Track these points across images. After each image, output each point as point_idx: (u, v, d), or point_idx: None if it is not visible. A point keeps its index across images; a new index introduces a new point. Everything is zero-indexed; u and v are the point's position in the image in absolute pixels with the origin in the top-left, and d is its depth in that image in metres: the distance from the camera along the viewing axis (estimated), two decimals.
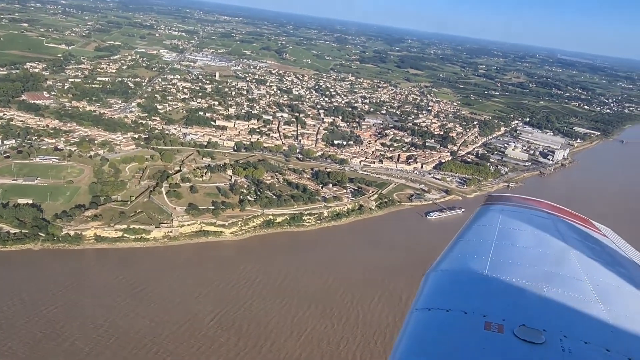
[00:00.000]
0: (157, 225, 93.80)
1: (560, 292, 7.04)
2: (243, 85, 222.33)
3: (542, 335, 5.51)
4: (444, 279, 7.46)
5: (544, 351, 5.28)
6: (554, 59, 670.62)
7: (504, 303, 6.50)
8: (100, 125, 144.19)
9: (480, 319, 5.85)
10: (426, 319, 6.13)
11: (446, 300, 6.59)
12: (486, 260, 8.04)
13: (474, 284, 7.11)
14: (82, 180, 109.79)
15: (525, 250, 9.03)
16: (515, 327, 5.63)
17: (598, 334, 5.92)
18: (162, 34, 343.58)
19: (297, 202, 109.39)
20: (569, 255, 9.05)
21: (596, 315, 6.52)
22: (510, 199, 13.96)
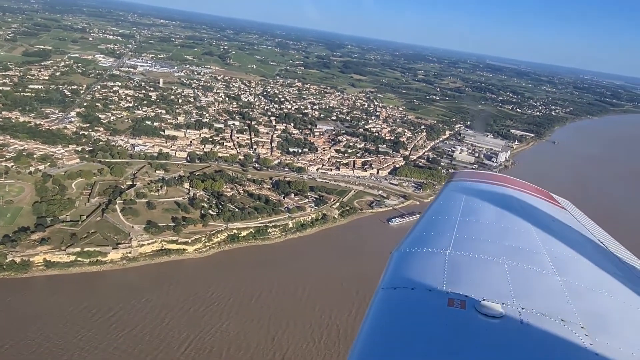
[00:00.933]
0: (114, 247, 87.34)
1: (520, 266, 7.33)
2: (189, 92, 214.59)
3: (502, 309, 5.72)
4: (409, 258, 7.56)
5: (503, 324, 5.51)
6: (484, 64, 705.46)
7: (466, 279, 6.70)
8: (37, 137, 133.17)
9: (443, 296, 6.05)
10: (391, 298, 6.23)
11: (411, 279, 6.71)
12: (450, 237, 8.29)
13: (438, 262, 7.22)
14: (24, 199, 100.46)
15: (488, 226, 9.31)
16: (477, 302, 5.82)
17: (554, 305, 6.18)
18: (96, 38, 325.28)
19: (261, 214, 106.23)
20: (529, 229, 9.39)
21: (553, 287, 6.83)
22: (473, 175, 14.27)
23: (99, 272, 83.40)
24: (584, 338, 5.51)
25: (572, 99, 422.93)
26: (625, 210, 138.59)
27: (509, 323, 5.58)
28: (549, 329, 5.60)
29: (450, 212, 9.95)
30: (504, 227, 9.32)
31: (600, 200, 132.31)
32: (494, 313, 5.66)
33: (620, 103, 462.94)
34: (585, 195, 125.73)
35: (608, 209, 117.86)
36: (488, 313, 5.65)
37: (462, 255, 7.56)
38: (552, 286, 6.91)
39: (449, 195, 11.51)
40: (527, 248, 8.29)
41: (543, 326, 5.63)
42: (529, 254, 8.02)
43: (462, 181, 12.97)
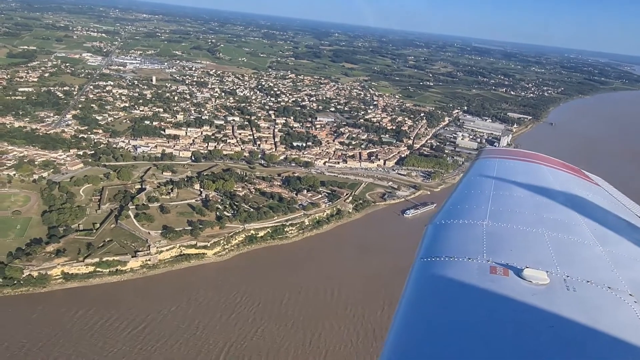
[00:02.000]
0: (133, 255, 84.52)
1: (560, 237, 7.22)
2: (184, 89, 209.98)
3: (546, 275, 5.59)
4: (444, 230, 7.44)
5: (549, 290, 5.41)
6: (470, 47, 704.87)
7: (506, 249, 6.58)
8: (36, 143, 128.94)
9: (485, 264, 5.91)
10: (430, 267, 6.07)
11: (449, 249, 6.56)
12: (485, 209, 8.14)
13: (476, 233, 7.11)
14: (31, 209, 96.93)
15: (523, 199, 9.19)
16: (520, 270, 5.67)
17: (599, 274, 6.05)
18: (81, 36, 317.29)
19: (277, 213, 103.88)
20: (565, 202, 9.28)
21: (596, 257, 6.70)
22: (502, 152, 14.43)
23: (119, 282, 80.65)
24: (634, 305, 5.38)
25: (561, 79, 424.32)
26: None
27: (555, 290, 5.46)
28: (596, 296, 5.50)
29: (482, 187, 9.83)
30: (540, 201, 9.21)
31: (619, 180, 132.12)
32: (539, 279, 5.53)
33: (609, 81, 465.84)
34: None
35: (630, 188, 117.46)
36: (533, 280, 5.52)
37: (500, 226, 7.42)
38: (596, 255, 6.79)
39: (480, 171, 11.35)
40: (565, 220, 8.17)
41: (590, 293, 5.54)
42: (569, 225, 7.90)
43: (490, 158, 12.78)
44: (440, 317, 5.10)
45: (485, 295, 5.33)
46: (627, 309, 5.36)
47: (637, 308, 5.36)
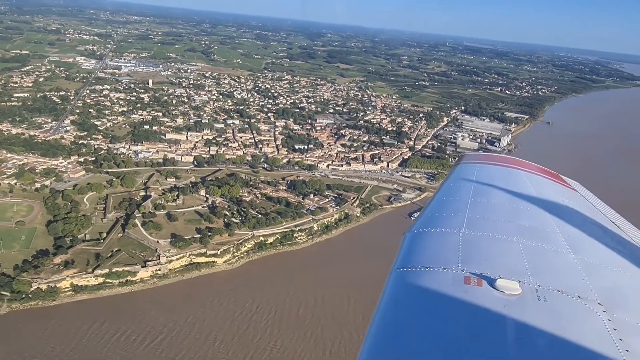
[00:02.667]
0: (143, 265, 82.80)
1: (534, 245, 7.31)
2: (182, 92, 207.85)
3: (518, 286, 5.67)
4: (422, 238, 7.49)
5: (520, 301, 5.49)
6: (462, 46, 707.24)
7: (481, 258, 6.65)
8: (35, 150, 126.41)
9: (459, 274, 5.99)
10: (406, 277, 6.16)
11: (425, 258, 6.62)
12: (463, 217, 8.23)
13: (452, 241, 7.16)
14: (35, 219, 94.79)
15: (500, 207, 9.27)
16: (493, 280, 5.76)
17: (571, 282, 6.16)
18: (73, 39, 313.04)
19: (285, 218, 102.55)
20: (541, 209, 9.40)
21: (568, 265, 6.81)
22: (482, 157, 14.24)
23: (130, 293, 78.93)
24: (602, 314, 5.43)
25: (554, 78, 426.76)
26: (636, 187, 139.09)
27: (526, 300, 5.53)
28: (566, 306, 5.57)
29: (461, 194, 9.92)
30: (516, 208, 9.31)
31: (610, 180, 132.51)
32: (511, 290, 5.58)
33: (600, 79, 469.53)
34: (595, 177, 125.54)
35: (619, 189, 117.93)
36: (505, 290, 5.57)
37: (476, 234, 7.48)
38: (568, 264, 6.87)
39: (459, 177, 11.49)
40: (540, 227, 8.28)
41: (560, 303, 5.59)
42: (543, 233, 8.01)
43: (470, 164, 12.92)
44: (413, 328, 5.08)
45: (458, 306, 5.36)
46: (596, 319, 5.40)
47: (604, 317, 5.41)
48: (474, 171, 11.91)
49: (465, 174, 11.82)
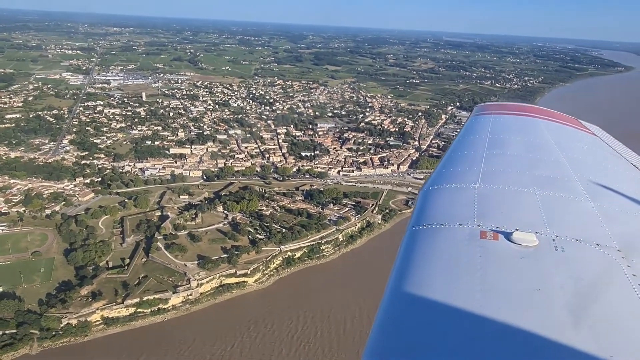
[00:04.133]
0: (174, 290, 79.25)
1: (552, 195, 7.16)
2: (177, 104, 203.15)
3: (535, 237, 5.60)
4: (437, 195, 7.38)
5: (537, 252, 5.42)
6: (443, 41, 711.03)
7: (497, 212, 6.56)
8: (38, 174, 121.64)
9: (475, 229, 5.94)
10: (421, 235, 6.07)
11: (440, 215, 6.57)
12: (478, 171, 8.06)
13: (468, 196, 7.05)
14: (51, 248, 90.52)
15: (516, 158, 9.06)
16: (510, 233, 5.68)
17: (589, 231, 6.04)
18: (56, 55, 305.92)
19: (310, 231, 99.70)
20: (559, 157, 9.15)
21: (587, 213, 6.67)
22: (498, 107, 13.77)
23: (164, 321, 75.41)
24: (621, 261, 5.36)
25: (538, 68, 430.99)
26: None
27: (543, 251, 5.45)
28: (584, 254, 5.50)
29: (475, 147, 9.70)
30: (533, 157, 9.09)
31: None
32: (528, 242, 5.52)
33: (583, 67, 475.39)
34: None
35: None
36: (522, 243, 5.52)
37: (492, 188, 7.34)
38: (586, 212, 6.72)
39: (474, 130, 11.17)
40: (557, 176, 8.12)
41: (578, 252, 5.53)
42: (560, 182, 7.86)
43: (486, 114, 12.47)
44: (429, 286, 4.93)
45: (475, 261, 5.23)
46: (615, 266, 5.29)
47: (624, 264, 5.29)
48: (489, 122, 11.52)
49: (479, 125, 11.44)
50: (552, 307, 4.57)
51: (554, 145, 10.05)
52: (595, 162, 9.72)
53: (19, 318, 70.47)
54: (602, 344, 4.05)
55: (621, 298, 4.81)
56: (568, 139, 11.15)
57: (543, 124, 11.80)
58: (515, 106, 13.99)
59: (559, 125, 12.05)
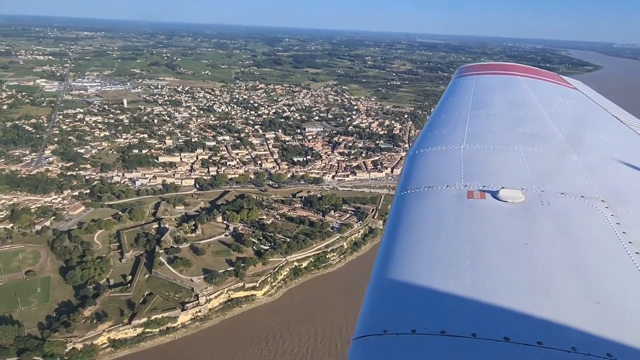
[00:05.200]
0: (182, 308, 75.93)
1: (536, 151, 7.23)
2: (160, 110, 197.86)
3: (522, 193, 5.67)
4: (423, 159, 7.40)
5: (523, 208, 5.47)
6: (417, 43, 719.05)
7: (483, 171, 6.59)
8: (22, 187, 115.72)
9: (462, 189, 5.97)
10: (409, 199, 6.07)
11: (427, 178, 6.59)
12: (463, 132, 8.09)
13: (454, 158, 7.09)
14: (45, 267, 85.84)
15: (500, 117, 9.09)
16: (496, 191, 5.72)
17: (573, 184, 6.16)
18: (27, 61, 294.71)
19: (314, 239, 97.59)
20: (542, 114, 9.25)
21: (571, 167, 6.78)
22: (480, 67, 13.73)
23: (174, 341, 72.11)
24: (605, 210, 5.47)
25: None
26: None
27: (530, 206, 5.50)
28: (570, 206, 5.57)
29: (460, 108, 9.66)
30: (517, 115, 9.11)
31: None
32: (514, 199, 5.56)
33: (555, 67, 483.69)
34: None
35: None
36: (508, 200, 5.56)
37: (477, 148, 7.36)
38: (570, 166, 6.84)
39: (456, 92, 11.12)
40: (541, 133, 8.17)
41: (564, 204, 5.59)
42: (544, 138, 7.91)
43: (467, 76, 12.41)
44: (419, 249, 4.97)
45: (463, 221, 5.28)
46: (599, 215, 5.40)
47: (607, 213, 5.41)
48: (472, 83, 11.45)
49: (462, 87, 11.36)
50: (540, 259, 4.58)
51: (537, 102, 10.02)
52: (578, 117, 9.76)
53: (20, 344, 66.09)
54: (589, 290, 4.12)
55: (606, 246, 4.85)
56: (551, 95, 11.11)
57: (525, 81, 11.73)
58: (497, 65, 13.77)
59: (542, 82, 12.02)
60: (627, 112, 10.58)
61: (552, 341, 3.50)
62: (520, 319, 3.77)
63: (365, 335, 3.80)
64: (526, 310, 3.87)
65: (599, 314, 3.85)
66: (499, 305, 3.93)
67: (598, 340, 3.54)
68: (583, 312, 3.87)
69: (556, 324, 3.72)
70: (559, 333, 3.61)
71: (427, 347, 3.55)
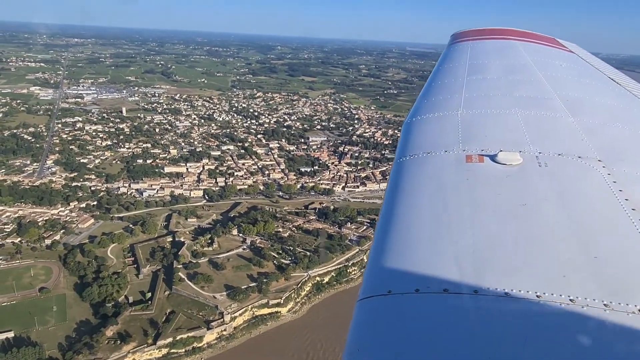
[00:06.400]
0: (207, 327, 73.04)
1: (533, 114, 7.26)
2: (161, 119, 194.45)
3: (519, 156, 5.68)
4: (420, 126, 7.40)
5: (521, 169, 5.52)
6: (407, 52, 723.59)
7: (481, 135, 6.61)
8: (26, 199, 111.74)
9: (460, 154, 5.98)
10: (407, 166, 6.09)
11: (425, 144, 6.57)
12: (459, 98, 8.08)
13: (451, 124, 7.09)
14: (59, 283, 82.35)
15: (496, 81, 9.09)
16: (495, 155, 5.70)
17: (570, 145, 6.16)
18: (19, 68, 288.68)
19: (334, 253, 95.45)
20: (538, 77, 9.18)
21: (568, 128, 6.79)
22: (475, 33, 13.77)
23: None
24: (602, 170, 5.55)
25: None
26: None
27: (527, 168, 5.57)
28: (566, 167, 5.64)
29: (455, 74, 9.65)
30: (513, 79, 9.08)
31: None
32: (512, 161, 5.61)
33: None
34: None
35: None
36: (506, 162, 5.60)
37: (474, 113, 7.39)
38: (567, 127, 6.84)
39: (452, 58, 11.08)
40: (538, 96, 8.17)
41: (561, 165, 5.67)
42: (541, 101, 7.95)
43: (463, 42, 12.33)
44: (420, 211, 4.99)
45: (461, 184, 5.29)
46: (595, 174, 5.47)
47: (604, 172, 5.48)
48: (467, 49, 11.37)
49: (457, 53, 11.26)
50: (538, 218, 4.62)
51: (533, 66, 9.99)
52: (574, 79, 9.76)
53: None
54: (586, 245, 4.19)
55: (603, 203, 4.89)
56: (547, 58, 11.06)
57: (521, 45, 11.66)
58: (493, 30, 13.73)
59: (537, 46, 11.95)
60: (622, 73, 10.46)
61: (551, 294, 3.57)
62: (520, 274, 3.82)
63: (370, 296, 3.84)
64: (525, 266, 3.93)
65: (596, 268, 3.89)
66: (498, 263, 3.98)
67: (595, 292, 3.61)
68: (581, 267, 3.91)
69: (554, 278, 3.77)
70: (557, 286, 3.67)
71: (430, 305, 3.62)
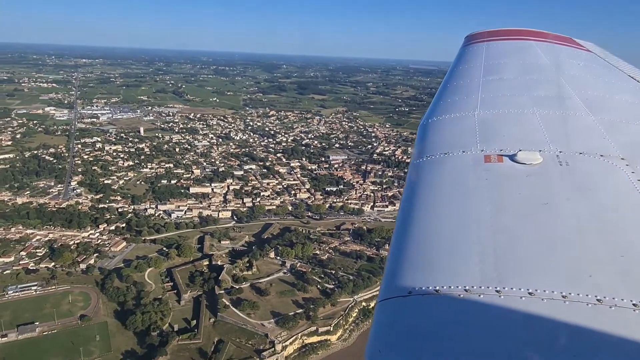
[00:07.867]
0: (259, 356, 69.82)
1: (552, 113, 7.09)
2: (179, 139, 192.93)
3: (539, 155, 5.56)
4: (436, 127, 7.27)
5: (541, 169, 5.42)
6: (412, 69, 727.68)
7: (500, 135, 6.48)
8: (55, 221, 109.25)
9: (479, 154, 5.86)
10: (425, 167, 5.95)
11: (442, 145, 6.45)
12: (476, 98, 7.99)
13: (468, 124, 6.94)
14: (98, 310, 79.33)
15: (513, 81, 8.99)
16: (514, 154, 5.57)
17: (591, 143, 5.99)
18: (32, 88, 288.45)
19: (377, 276, 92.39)
20: (555, 77, 9.06)
21: (588, 127, 6.61)
22: (489, 34, 13.73)
23: None
24: (625, 168, 5.40)
25: None
26: None
27: (547, 167, 5.43)
28: (588, 165, 5.51)
29: (471, 75, 9.58)
30: (530, 80, 8.95)
31: None
32: (532, 160, 5.47)
33: None
34: None
35: None
36: (526, 162, 5.46)
37: (492, 113, 7.25)
38: (588, 126, 6.66)
39: (466, 59, 11.11)
40: (556, 95, 8.06)
41: (582, 164, 5.53)
42: (560, 99, 7.82)
43: (477, 43, 12.38)
44: (438, 212, 4.92)
45: (481, 184, 5.18)
46: (619, 173, 5.34)
47: (628, 170, 5.34)
48: (482, 50, 11.38)
49: (472, 54, 11.30)
50: (561, 216, 4.51)
51: (550, 65, 9.90)
52: (593, 78, 9.68)
53: None
54: (612, 244, 4.11)
55: (627, 202, 4.77)
56: (564, 57, 11.02)
57: (537, 45, 11.61)
58: (507, 31, 13.57)
59: (554, 45, 11.96)
60: None
61: (577, 294, 3.49)
62: (544, 274, 3.74)
63: (390, 297, 3.79)
64: (549, 266, 3.84)
65: (623, 267, 3.80)
66: (521, 263, 3.90)
67: (623, 291, 3.52)
68: (607, 266, 3.82)
69: (580, 278, 3.68)
70: (583, 286, 3.58)
71: (451, 306, 3.57)
